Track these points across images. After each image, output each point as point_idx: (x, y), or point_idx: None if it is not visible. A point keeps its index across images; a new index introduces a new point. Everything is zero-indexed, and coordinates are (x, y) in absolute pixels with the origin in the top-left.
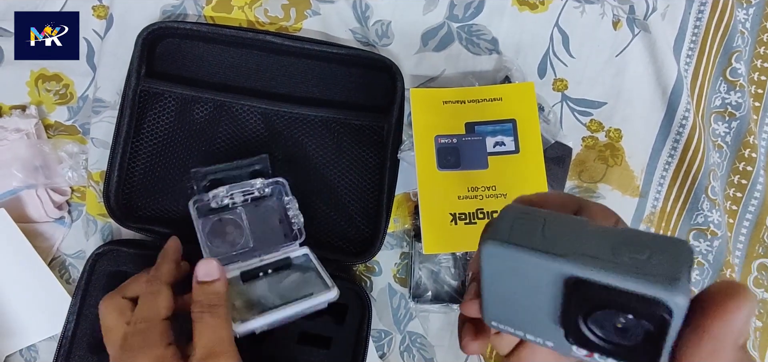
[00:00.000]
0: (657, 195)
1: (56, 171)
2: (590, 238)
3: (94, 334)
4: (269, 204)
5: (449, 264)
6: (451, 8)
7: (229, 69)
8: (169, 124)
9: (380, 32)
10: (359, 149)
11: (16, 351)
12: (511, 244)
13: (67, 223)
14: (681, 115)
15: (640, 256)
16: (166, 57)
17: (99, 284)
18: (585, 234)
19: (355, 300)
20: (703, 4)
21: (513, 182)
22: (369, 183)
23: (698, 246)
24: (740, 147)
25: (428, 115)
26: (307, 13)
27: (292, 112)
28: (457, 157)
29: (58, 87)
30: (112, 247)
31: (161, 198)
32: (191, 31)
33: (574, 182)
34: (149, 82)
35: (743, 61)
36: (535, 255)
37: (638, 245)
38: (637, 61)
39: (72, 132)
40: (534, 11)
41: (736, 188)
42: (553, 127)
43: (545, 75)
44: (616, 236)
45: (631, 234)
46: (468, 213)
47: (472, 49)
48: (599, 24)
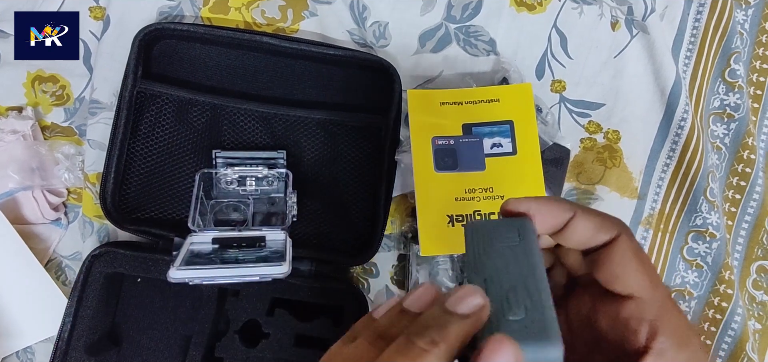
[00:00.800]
0: (655, 196)
1: (53, 172)
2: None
3: (90, 336)
4: (273, 194)
5: (447, 265)
6: (448, 9)
7: (226, 70)
8: (166, 126)
9: (377, 33)
10: (356, 151)
11: (12, 354)
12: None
13: (63, 225)
14: (679, 117)
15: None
16: (163, 58)
17: (95, 286)
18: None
19: (352, 301)
20: (701, 5)
21: (510, 184)
22: (366, 184)
23: (697, 247)
24: (739, 148)
25: (425, 116)
26: (305, 14)
27: (289, 114)
28: (454, 158)
29: (55, 88)
30: (109, 249)
31: (158, 200)
32: (188, 33)
33: (572, 184)
34: (146, 83)
35: (742, 62)
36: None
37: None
38: (636, 62)
39: (68, 133)
40: (532, 12)
41: (735, 190)
42: (551, 128)
43: (543, 76)
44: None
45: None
46: (465, 215)
47: (470, 50)
48: (597, 25)
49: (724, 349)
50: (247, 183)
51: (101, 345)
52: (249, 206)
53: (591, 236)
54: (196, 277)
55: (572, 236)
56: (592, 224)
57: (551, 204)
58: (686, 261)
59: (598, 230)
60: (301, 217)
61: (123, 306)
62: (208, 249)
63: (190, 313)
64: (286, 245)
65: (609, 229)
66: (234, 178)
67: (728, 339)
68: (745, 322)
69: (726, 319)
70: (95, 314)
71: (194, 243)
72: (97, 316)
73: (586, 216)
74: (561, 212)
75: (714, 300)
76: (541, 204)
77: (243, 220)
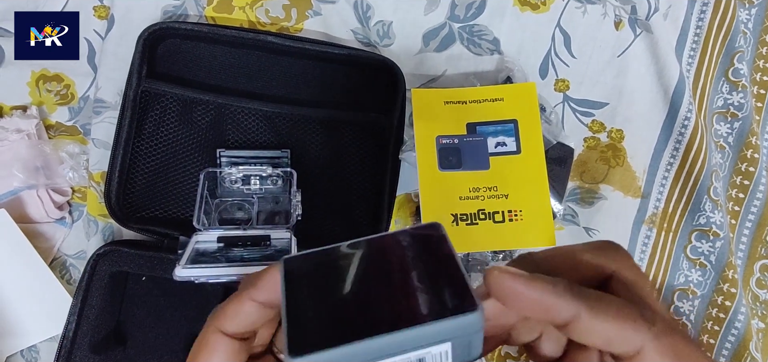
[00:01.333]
0: (659, 196)
1: (57, 171)
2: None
3: (95, 335)
4: (277, 193)
5: None
6: (452, 8)
7: (230, 69)
8: (171, 125)
9: (381, 33)
10: (361, 150)
11: (17, 352)
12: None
13: (67, 224)
14: (683, 116)
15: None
16: (168, 57)
17: (100, 284)
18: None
19: None
20: (705, 5)
21: (514, 183)
22: (370, 184)
23: (700, 247)
24: (742, 147)
25: (429, 115)
26: (309, 14)
27: (293, 112)
28: (458, 157)
29: (59, 87)
30: (113, 248)
31: (162, 199)
32: (192, 32)
33: (575, 183)
34: (150, 82)
35: (745, 61)
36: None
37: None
38: (639, 61)
39: (73, 132)
40: (535, 11)
41: (739, 189)
42: (554, 127)
43: (547, 75)
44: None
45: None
46: (469, 213)
47: (474, 49)
48: (601, 24)
49: (728, 348)
50: (252, 182)
51: (106, 344)
52: (253, 205)
53: (605, 344)
54: (201, 276)
55: (578, 337)
56: (607, 329)
57: (548, 293)
58: (690, 260)
59: (614, 339)
60: (305, 216)
61: (128, 304)
62: (213, 247)
63: (195, 312)
64: (291, 244)
65: (631, 338)
66: (238, 177)
67: (732, 338)
68: (749, 321)
69: (729, 318)
70: (100, 313)
71: (199, 241)
72: (101, 315)
73: (598, 319)
74: (559, 307)
75: (717, 299)
76: (534, 289)
77: (247, 219)
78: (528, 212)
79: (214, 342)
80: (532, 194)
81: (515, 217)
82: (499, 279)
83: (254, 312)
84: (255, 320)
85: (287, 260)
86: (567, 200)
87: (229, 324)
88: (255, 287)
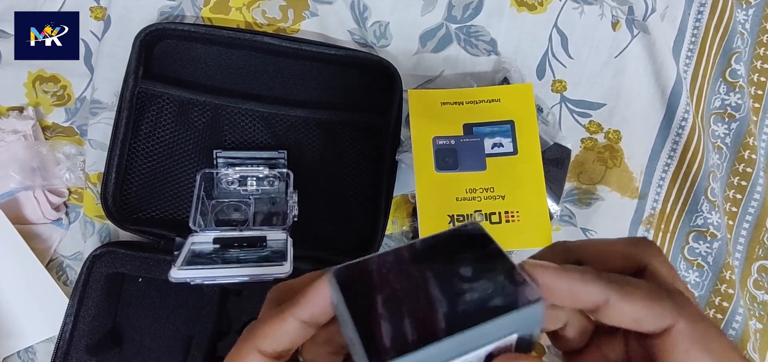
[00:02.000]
0: (656, 196)
1: (53, 172)
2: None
3: (92, 336)
4: (274, 194)
5: None
6: (449, 9)
7: (227, 71)
8: (167, 126)
9: (378, 33)
10: (357, 151)
11: (13, 353)
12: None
13: (64, 225)
14: (680, 117)
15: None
16: (164, 58)
17: (96, 286)
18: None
19: None
20: (702, 5)
21: (511, 184)
22: (367, 185)
23: (698, 247)
24: (740, 148)
25: (426, 116)
26: (305, 14)
27: (290, 114)
28: (455, 158)
29: (56, 88)
30: (110, 249)
31: (159, 200)
32: (189, 33)
33: (573, 184)
34: (147, 83)
35: (743, 62)
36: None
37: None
38: (637, 62)
39: (69, 133)
40: (533, 12)
41: (736, 189)
42: (551, 128)
43: (544, 76)
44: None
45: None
46: (466, 214)
47: (471, 50)
48: (598, 25)
49: None
50: (248, 183)
51: (102, 345)
52: (250, 206)
53: (634, 323)
54: (197, 277)
55: (608, 319)
56: (636, 310)
57: (576, 282)
58: (687, 261)
59: (644, 318)
60: (302, 217)
61: (124, 306)
62: (209, 249)
63: (191, 313)
64: (288, 245)
65: (660, 316)
66: (235, 178)
67: (729, 338)
68: (746, 322)
69: (727, 319)
70: (96, 314)
71: (195, 243)
72: (98, 316)
73: (627, 301)
74: (588, 294)
75: (715, 300)
76: (564, 279)
77: (244, 220)
78: (525, 213)
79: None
80: (529, 195)
81: (512, 218)
82: (529, 270)
83: (296, 331)
84: (296, 339)
85: (337, 271)
86: (564, 201)
87: (268, 344)
88: (299, 304)
